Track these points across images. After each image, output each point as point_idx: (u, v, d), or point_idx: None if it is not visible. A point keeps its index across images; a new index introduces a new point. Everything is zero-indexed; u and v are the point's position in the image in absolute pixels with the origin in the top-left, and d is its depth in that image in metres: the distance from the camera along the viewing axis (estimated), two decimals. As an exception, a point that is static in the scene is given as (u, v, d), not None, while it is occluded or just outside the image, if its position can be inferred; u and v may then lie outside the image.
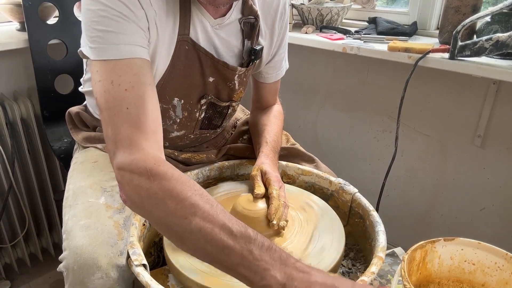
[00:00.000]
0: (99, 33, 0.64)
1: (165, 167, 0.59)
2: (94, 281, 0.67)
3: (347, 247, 0.86)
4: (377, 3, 1.54)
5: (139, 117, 0.62)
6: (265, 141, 0.91)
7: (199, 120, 0.91)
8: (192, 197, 0.56)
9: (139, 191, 0.58)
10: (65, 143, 1.27)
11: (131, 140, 0.61)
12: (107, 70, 0.64)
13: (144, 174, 0.57)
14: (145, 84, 0.65)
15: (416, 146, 1.43)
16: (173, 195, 0.56)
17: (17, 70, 1.37)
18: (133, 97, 0.63)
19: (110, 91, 0.63)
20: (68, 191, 0.82)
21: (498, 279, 0.76)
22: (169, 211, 0.56)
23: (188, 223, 0.54)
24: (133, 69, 0.64)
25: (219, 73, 0.85)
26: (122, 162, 0.60)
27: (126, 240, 0.72)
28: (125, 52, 0.64)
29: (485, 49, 1.03)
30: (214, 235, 0.53)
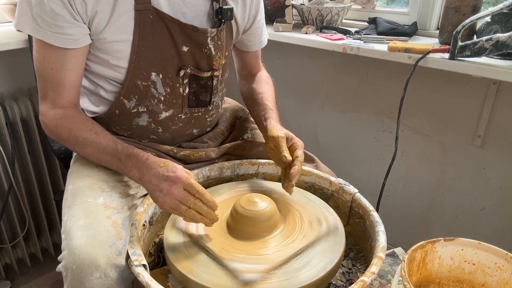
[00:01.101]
0: (41, 16, 0.75)
1: (69, 118, 0.82)
2: (93, 281, 0.67)
3: (347, 247, 0.86)
4: (377, 3, 1.54)
5: (60, 89, 0.82)
6: (269, 108, 0.94)
7: (184, 97, 0.90)
8: (83, 134, 0.81)
9: (54, 131, 0.84)
10: (65, 143, 1.27)
11: (53, 101, 0.83)
12: (41, 46, 0.79)
13: (53, 124, 0.83)
14: (66, 70, 0.81)
15: (416, 146, 1.43)
16: (71, 135, 0.82)
17: (17, 70, 1.37)
18: (57, 76, 0.81)
19: (41, 63, 0.81)
20: (67, 191, 0.82)
21: (498, 279, 0.76)
22: (70, 144, 0.84)
23: (84, 150, 0.82)
24: (60, 56, 0.79)
25: (190, 40, 0.84)
26: (45, 113, 0.83)
27: (124, 240, 0.73)
28: (57, 41, 0.77)
29: (485, 49, 1.03)
30: (98, 155, 0.81)
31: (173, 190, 0.71)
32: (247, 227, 0.77)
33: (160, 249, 0.84)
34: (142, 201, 0.84)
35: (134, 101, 0.86)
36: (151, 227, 0.85)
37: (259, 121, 0.94)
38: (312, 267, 0.71)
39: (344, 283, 0.80)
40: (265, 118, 0.91)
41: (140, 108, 0.88)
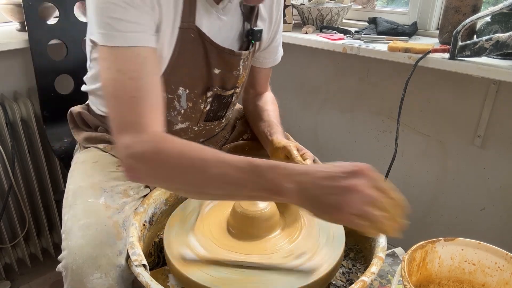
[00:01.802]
0: (107, 20, 0.65)
1: (171, 142, 0.65)
2: (93, 281, 0.67)
3: (347, 247, 0.86)
4: (377, 3, 1.54)
5: (143, 103, 0.66)
6: (275, 124, 0.94)
7: (204, 112, 0.90)
8: (198, 155, 0.62)
9: (153, 165, 0.63)
10: (65, 143, 1.27)
11: (138, 125, 0.65)
12: (114, 57, 0.66)
13: (155, 152, 0.63)
14: (148, 75, 0.67)
15: (416, 146, 1.43)
16: (183, 159, 0.62)
17: (17, 70, 1.37)
18: (137, 87, 0.66)
19: (116, 79, 0.66)
20: (68, 191, 0.82)
21: (499, 279, 0.76)
22: (184, 170, 0.62)
23: (203, 175, 0.61)
24: (138, 58, 0.67)
25: (224, 62, 0.85)
26: (131, 146, 0.64)
27: (125, 240, 0.73)
28: (131, 40, 0.66)
29: (485, 49, 1.03)
30: (226, 178, 0.60)
31: (361, 186, 0.54)
32: (247, 227, 0.77)
33: (160, 249, 0.84)
34: (142, 201, 0.84)
35: None
36: (151, 227, 0.86)
37: (264, 136, 0.93)
38: (312, 267, 0.71)
39: (344, 283, 0.80)
40: (271, 133, 0.91)
41: None
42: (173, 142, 0.65)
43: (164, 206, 0.89)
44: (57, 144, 1.27)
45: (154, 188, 0.88)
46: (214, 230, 0.79)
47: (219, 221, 0.79)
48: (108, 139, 0.91)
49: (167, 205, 0.90)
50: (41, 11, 1.23)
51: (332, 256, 0.73)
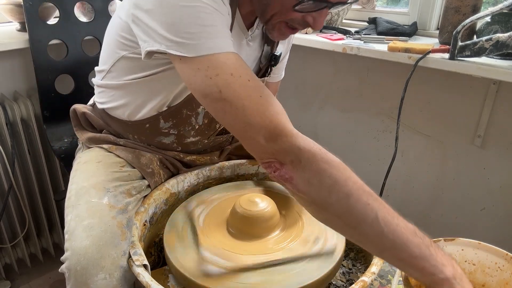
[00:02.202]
0: (197, 29, 0.60)
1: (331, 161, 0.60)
2: (97, 281, 0.67)
3: (347, 247, 0.86)
4: (377, 3, 1.54)
5: (274, 102, 0.61)
6: None
7: (217, 130, 0.92)
8: (361, 189, 0.57)
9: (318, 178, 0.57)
10: (65, 143, 1.27)
11: (277, 122, 0.60)
12: (215, 64, 0.60)
13: (313, 160, 0.58)
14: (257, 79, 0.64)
15: (416, 146, 1.43)
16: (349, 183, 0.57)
17: (17, 70, 1.37)
18: (258, 86, 0.61)
19: (233, 83, 0.60)
20: (71, 191, 0.81)
21: (499, 280, 0.76)
22: (356, 225, 0.56)
23: (374, 214, 0.56)
24: (241, 61, 0.63)
25: None
26: (283, 147, 0.59)
27: (129, 241, 0.72)
28: (228, 46, 0.63)
29: (485, 49, 1.03)
30: (396, 228, 0.55)
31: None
32: (247, 227, 0.77)
33: (160, 249, 0.84)
34: (142, 201, 0.84)
35: (170, 123, 0.86)
36: (151, 227, 0.86)
37: None
38: (312, 267, 0.71)
39: (344, 283, 0.80)
40: None
41: (171, 130, 0.87)
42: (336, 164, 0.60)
43: (164, 206, 0.90)
44: (57, 144, 1.27)
45: (154, 188, 0.88)
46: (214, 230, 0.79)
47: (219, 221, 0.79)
48: (113, 140, 0.91)
49: (167, 205, 0.90)
50: (41, 11, 1.23)
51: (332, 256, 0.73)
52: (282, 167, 0.60)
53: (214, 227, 0.79)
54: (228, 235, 0.78)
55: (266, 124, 0.59)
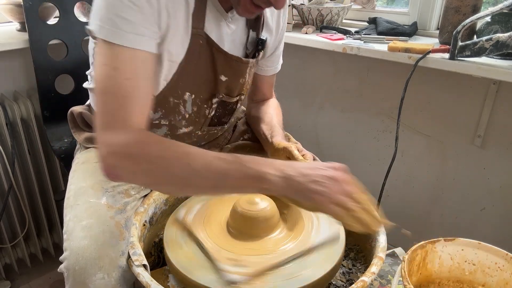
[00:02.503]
0: (114, 16, 0.65)
1: (154, 137, 0.67)
2: (96, 281, 0.67)
3: (347, 247, 0.86)
4: (377, 3, 1.54)
5: (133, 104, 0.67)
6: (277, 127, 0.94)
7: (208, 118, 0.91)
8: (182, 148, 0.65)
9: (137, 159, 0.64)
10: (65, 143, 1.27)
11: (125, 122, 0.66)
12: (113, 55, 0.66)
13: (140, 147, 0.64)
14: (144, 79, 0.68)
15: (416, 146, 1.43)
16: (169, 151, 0.64)
17: (17, 70, 1.37)
18: (130, 88, 0.67)
19: (112, 76, 0.66)
20: (70, 191, 0.81)
21: (499, 280, 0.76)
22: (169, 162, 0.63)
23: (187, 165, 0.63)
24: (136, 60, 0.68)
25: (231, 70, 0.85)
26: (114, 143, 0.64)
27: (127, 241, 0.73)
28: (134, 42, 0.67)
29: (485, 49, 1.03)
30: (211, 166, 0.62)
31: (341, 179, 0.60)
32: (247, 227, 0.77)
33: (160, 249, 0.84)
34: (142, 201, 0.84)
35: (159, 114, 0.86)
36: (151, 227, 0.86)
37: (264, 138, 0.93)
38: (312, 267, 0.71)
39: (344, 283, 0.80)
40: (272, 136, 0.91)
41: (162, 121, 0.87)
42: (157, 137, 0.67)
43: (164, 206, 0.90)
44: (57, 144, 1.27)
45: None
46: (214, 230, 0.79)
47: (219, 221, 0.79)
48: None
49: (167, 205, 0.90)
50: (41, 11, 1.23)
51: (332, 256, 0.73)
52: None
53: (214, 227, 0.79)
54: (228, 235, 0.78)
55: (110, 117, 0.66)
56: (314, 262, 0.72)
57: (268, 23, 0.91)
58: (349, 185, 0.60)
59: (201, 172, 0.62)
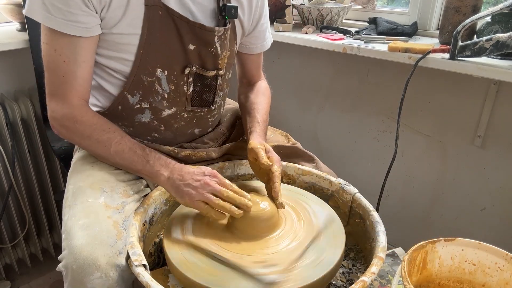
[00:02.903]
0: (50, 3, 0.73)
1: (87, 117, 0.81)
2: (93, 280, 0.67)
3: (347, 247, 0.86)
4: (377, 3, 1.54)
5: (72, 83, 0.80)
6: (256, 121, 0.95)
7: (188, 95, 0.90)
8: (106, 134, 0.80)
9: (69, 131, 0.82)
10: (65, 143, 1.27)
11: (64, 97, 0.80)
12: (53, 37, 0.77)
13: (72, 121, 0.80)
14: (79, 63, 0.79)
15: (416, 146, 1.43)
16: (94, 134, 0.80)
17: (17, 70, 1.37)
18: (69, 70, 0.79)
19: (52, 56, 0.78)
20: (68, 191, 0.82)
21: (499, 280, 0.76)
22: (91, 143, 0.81)
23: (106, 150, 0.81)
24: (72, 46, 0.77)
25: (198, 38, 0.85)
26: (56, 111, 0.81)
27: (125, 240, 0.73)
28: (70, 29, 0.75)
29: (485, 49, 1.03)
30: (124, 155, 0.80)
31: (209, 181, 0.75)
32: (247, 227, 0.77)
33: (160, 249, 0.84)
34: (142, 201, 0.84)
35: (138, 97, 0.87)
36: (151, 227, 0.86)
37: (246, 133, 0.95)
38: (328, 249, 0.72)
39: (344, 283, 0.80)
40: (251, 132, 0.92)
41: (143, 104, 0.88)
42: (90, 117, 0.81)
43: (164, 206, 0.90)
44: (57, 144, 1.27)
45: (154, 188, 0.88)
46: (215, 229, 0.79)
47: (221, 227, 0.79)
48: None
49: (167, 205, 0.90)
50: (41, 11, 1.23)
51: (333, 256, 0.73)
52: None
53: (214, 227, 0.79)
54: (228, 235, 0.78)
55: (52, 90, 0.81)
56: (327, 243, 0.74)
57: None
58: (216, 186, 0.74)
59: (115, 157, 0.81)
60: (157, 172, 0.79)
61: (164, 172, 0.78)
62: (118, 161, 0.81)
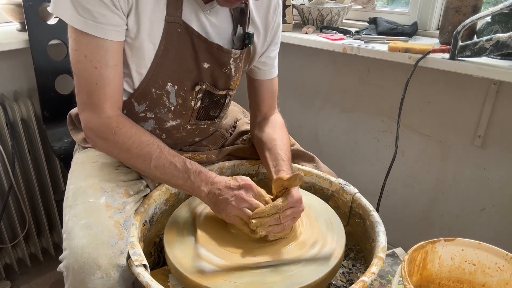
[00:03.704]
0: (82, 6, 0.71)
1: (125, 129, 0.78)
2: (95, 280, 0.67)
3: (347, 247, 0.86)
4: (378, 3, 1.54)
5: (106, 90, 0.77)
6: (281, 158, 0.88)
7: (195, 110, 0.90)
8: (146, 148, 0.78)
9: (108, 142, 0.79)
10: (65, 143, 1.28)
11: (99, 106, 0.77)
12: (83, 42, 0.74)
13: (111, 133, 0.77)
14: (111, 67, 0.76)
15: (417, 147, 1.43)
16: (134, 147, 0.77)
17: (17, 70, 1.37)
18: (101, 76, 0.76)
19: (83, 63, 0.75)
20: (68, 191, 0.82)
21: (499, 280, 0.76)
22: (131, 156, 0.78)
23: (146, 164, 0.78)
24: (104, 50, 0.75)
25: (213, 58, 0.85)
26: (91, 121, 0.78)
27: (126, 240, 0.73)
28: (102, 32, 0.73)
29: (485, 50, 1.03)
30: (165, 170, 0.78)
31: (243, 194, 0.74)
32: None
33: (160, 249, 0.84)
34: (142, 201, 0.84)
35: (144, 106, 0.86)
36: (151, 227, 0.86)
37: (269, 171, 0.89)
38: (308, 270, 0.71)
39: (344, 283, 0.80)
40: (277, 170, 0.85)
41: (148, 113, 0.87)
42: (129, 128, 0.78)
43: (164, 206, 0.90)
44: (57, 144, 1.27)
45: (154, 188, 0.88)
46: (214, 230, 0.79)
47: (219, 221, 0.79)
48: None
49: (167, 205, 0.90)
50: (41, 11, 1.23)
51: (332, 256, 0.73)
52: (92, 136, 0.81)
53: (214, 227, 0.79)
54: (228, 235, 0.78)
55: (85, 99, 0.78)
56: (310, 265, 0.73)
57: (254, 20, 0.90)
58: (249, 199, 0.74)
59: (155, 172, 0.78)
60: (198, 187, 0.77)
61: (205, 188, 0.77)
62: (159, 175, 0.79)
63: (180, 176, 0.78)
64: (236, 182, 0.76)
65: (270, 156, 0.90)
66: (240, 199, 0.74)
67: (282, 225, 0.74)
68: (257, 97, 1.02)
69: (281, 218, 0.73)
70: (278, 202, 0.74)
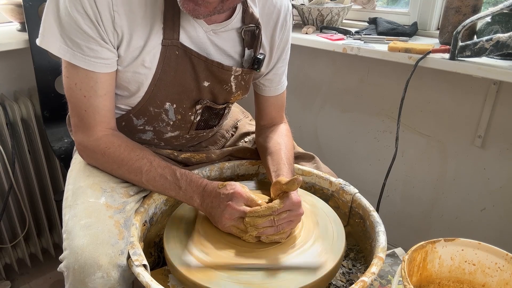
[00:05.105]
0: (65, 37, 0.73)
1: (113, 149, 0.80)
2: (95, 280, 0.67)
3: (347, 247, 0.86)
4: (378, 3, 1.54)
5: (95, 117, 0.79)
6: (282, 162, 0.87)
7: (194, 123, 0.90)
8: (136, 163, 0.79)
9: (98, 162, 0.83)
10: (65, 143, 1.27)
11: (89, 129, 0.80)
12: (73, 72, 0.76)
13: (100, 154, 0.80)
14: (101, 96, 0.78)
15: (417, 147, 1.43)
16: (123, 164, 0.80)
17: (17, 70, 1.37)
18: (90, 104, 0.78)
19: (73, 90, 0.77)
20: (68, 191, 0.82)
21: (499, 280, 0.76)
22: (122, 172, 0.81)
23: (138, 178, 0.80)
24: (93, 81, 0.76)
25: (213, 75, 0.84)
26: (82, 143, 0.81)
27: (126, 240, 0.73)
28: (90, 65, 0.75)
29: (485, 50, 1.03)
30: (155, 183, 0.80)
31: (233, 204, 0.73)
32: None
33: (160, 249, 0.84)
34: (142, 201, 0.84)
35: (142, 121, 0.87)
36: (151, 227, 0.86)
37: (269, 174, 0.88)
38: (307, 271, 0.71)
39: (344, 283, 0.80)
40: (277, 175, 0.84)
41: (147, 127, 0.88)
42: (117, 147, 0.80)
43: (164, 206, 0.90)
44: (57, 144, 1.27)
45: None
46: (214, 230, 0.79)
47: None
48: None
49: (167, 205, 0.90)
50: (41, 11, 1.23)
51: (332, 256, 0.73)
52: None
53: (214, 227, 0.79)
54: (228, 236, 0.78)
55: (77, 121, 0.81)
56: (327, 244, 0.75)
57: (263, 42, 0.88)
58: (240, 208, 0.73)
59: (148, 185, 0.81)
60: (190, 198, 0.78)
61: (197, 198, 0.78)
62: (152, 188, 0.81)
63: (172, 188, 0.79)
64: (226, 190, 0.75)
65: (272, 159, 0.89)
66: (232, 210, 0.73)
67: (276, 228, 0.72)
68: (262, 110, 1.00)
69: (276, 220, 0.72)
70: (275, 204, 0.73)
